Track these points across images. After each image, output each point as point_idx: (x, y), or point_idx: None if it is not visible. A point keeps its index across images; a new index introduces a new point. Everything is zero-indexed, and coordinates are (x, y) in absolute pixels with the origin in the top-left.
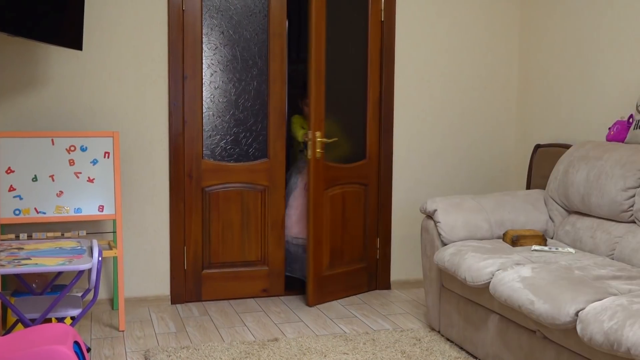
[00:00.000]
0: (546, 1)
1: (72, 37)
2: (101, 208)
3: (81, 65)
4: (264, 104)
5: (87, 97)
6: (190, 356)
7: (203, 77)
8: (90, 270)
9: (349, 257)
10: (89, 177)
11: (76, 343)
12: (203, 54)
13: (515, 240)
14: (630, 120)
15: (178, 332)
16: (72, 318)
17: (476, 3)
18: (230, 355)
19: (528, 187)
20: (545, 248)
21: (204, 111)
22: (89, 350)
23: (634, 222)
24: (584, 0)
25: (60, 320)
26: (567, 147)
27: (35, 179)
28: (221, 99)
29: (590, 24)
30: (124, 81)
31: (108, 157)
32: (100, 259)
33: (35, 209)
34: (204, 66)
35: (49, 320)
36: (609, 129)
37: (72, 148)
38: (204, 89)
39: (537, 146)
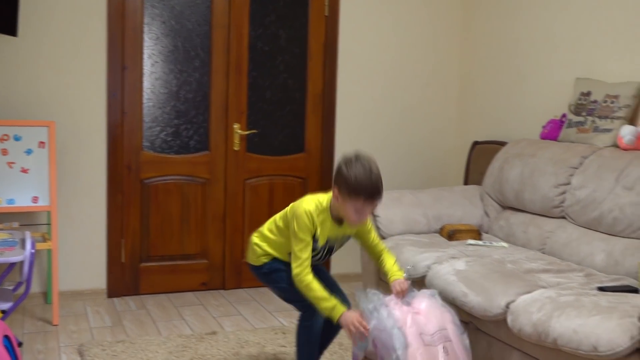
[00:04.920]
0: (486, 3)
1: (6, 23)
2: (35, 199)
3: (16, 52)
4: (206, 96)
5: (22, 85)
6: (126, 350)
7: (143, 67)
8: (22, 262)
9: None
10: (22, 168)
11: (6, 337)
12: (144, 43)
13: (451, 234)
14: (563, 119)
15: (114, 326)
16: (3, 312)
17: (420, 2)
18: (167, 348)
19: (466, 183)
20: (480, 242)
21: (144, 102)
22: (20, 344)
23: (564, 218)
24: (522, 2)
25: None
26: (503, 144)
27: None
28: (162, 90)
29: (526, 26)
30: (60, 70)
31: (43, 147)
32: (32, 251)
33: None
34: (144, 56)
35: None
36: (543, 127)
37: (5, 137)
38: (144, 79)
39: (475, 143)
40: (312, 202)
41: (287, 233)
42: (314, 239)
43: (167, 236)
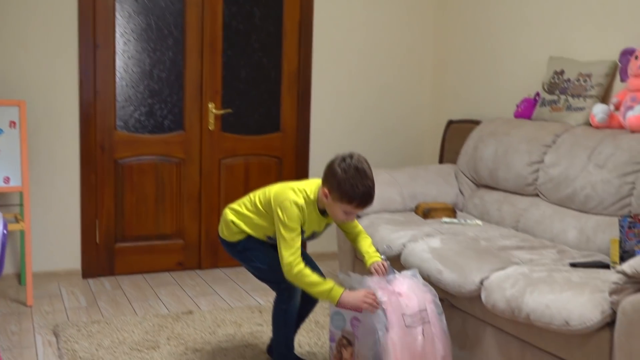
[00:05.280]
0: None
1: None
2: (7, 180)
3: None
4: (180, 75)
5: None
6: (102, 330)
7: (116, 46)
8: None
9: None
10: None
11: None
12: (116, 21)
13: (426, 212)
14: (537, 98)
15: (89, 307)
16: None
17: None
18: (143, 328)
19: (441, 161)
20: (455, 220)
21: (116, 81)
22: None
23: (538, 196)
24: None
25: None
26: (477, 123)
27: None
28: (135, 69)
29: (500, 4)
30: (31, 48)
31: (14, 127)
32: (5, 232)
33: None
34: (117, 35)
35: None
36: (517, 106)
37: None
38: (117, 58)
39: (450, 122)
40: (300, 194)
41: (268, 217)
42: (301, 230)
43: (142, 216)
